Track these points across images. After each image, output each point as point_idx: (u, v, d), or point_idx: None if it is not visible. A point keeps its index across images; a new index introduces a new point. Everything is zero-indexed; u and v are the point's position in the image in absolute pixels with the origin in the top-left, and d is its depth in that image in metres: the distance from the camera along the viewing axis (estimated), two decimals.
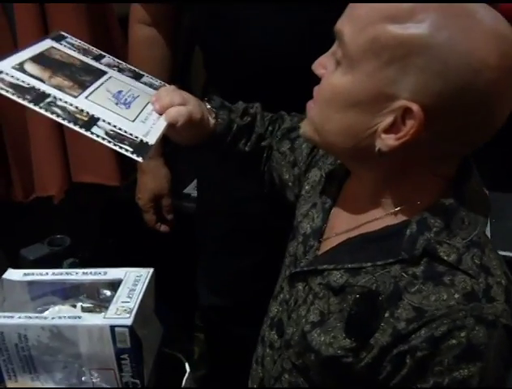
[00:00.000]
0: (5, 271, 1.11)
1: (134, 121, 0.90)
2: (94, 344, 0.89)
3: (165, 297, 1.07)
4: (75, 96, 0.88)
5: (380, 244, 0.81)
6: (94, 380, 0.93)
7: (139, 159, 0.84)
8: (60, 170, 1.62)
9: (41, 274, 1.04)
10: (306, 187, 1.01)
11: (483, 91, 0.72)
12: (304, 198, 1.00)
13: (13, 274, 1.04)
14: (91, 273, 1.01)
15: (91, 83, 0.94)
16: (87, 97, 0.90)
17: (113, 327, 0.88)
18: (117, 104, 0.94)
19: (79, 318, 0.91)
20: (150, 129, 0.89)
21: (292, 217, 1.02)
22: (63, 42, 1.04)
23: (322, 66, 0.82)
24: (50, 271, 1.04)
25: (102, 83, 0.96)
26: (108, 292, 1.00)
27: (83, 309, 0.99)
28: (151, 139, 0.87)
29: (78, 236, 1.35)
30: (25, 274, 1.04)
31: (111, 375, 0.91)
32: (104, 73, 1.00)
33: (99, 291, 1.00)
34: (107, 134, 0.85)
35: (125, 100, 0.96)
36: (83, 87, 0.92)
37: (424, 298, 0.75)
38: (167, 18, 1.40)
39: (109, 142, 0.84)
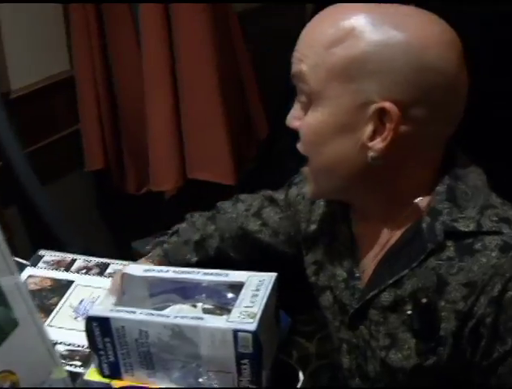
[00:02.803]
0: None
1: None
2: (215, 347, 0.88)
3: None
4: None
5: (407, 249, 0.86)
6: (211, 382, 0.92)
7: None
8: (176, 166, 1.64)
9: (162, 271, 1.04)
10: (308, 244, 1.05)
11: (435, 64, 0.79)
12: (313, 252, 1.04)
13: (134, 269, 1.05)
14: (212, 274, 1.00)
15: (56, 304, 1.16)
16: (49, 324, 1.11)
17: (236, 332, 0.86)
18: (76, 318, 1.13)
19: (202, 319, 0.90)
20: None
21: None
22: (39, 264, 1.27)
23: (296, 118, 0.87)
24: (171, 268, 1.04)
25: (66, 299, 1.18)
26: (229, 295, 0.98)
27: (204, 311, 0.99)
28: None
29: None
30: (145, 270, 1.05)
31: (229, 379, 0.90)
32: (71, 283, 1.21)
33: (219, 293, 0.99)
34: (62, 356, 1.01)
35: (85, 309, 1.14)
36: (49, 312, 1.14)
37: (468, 272, 0.80)
38: None
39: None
